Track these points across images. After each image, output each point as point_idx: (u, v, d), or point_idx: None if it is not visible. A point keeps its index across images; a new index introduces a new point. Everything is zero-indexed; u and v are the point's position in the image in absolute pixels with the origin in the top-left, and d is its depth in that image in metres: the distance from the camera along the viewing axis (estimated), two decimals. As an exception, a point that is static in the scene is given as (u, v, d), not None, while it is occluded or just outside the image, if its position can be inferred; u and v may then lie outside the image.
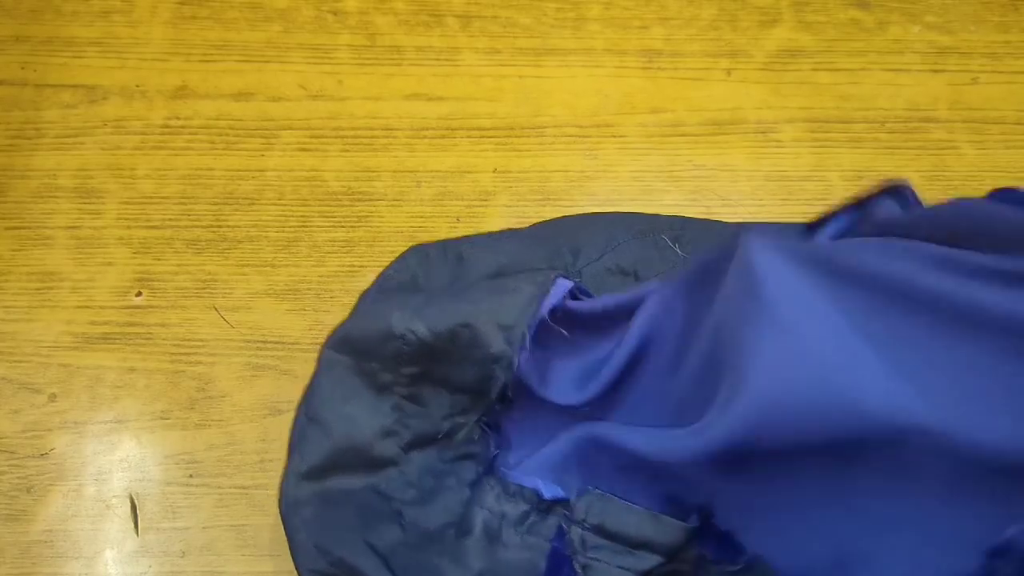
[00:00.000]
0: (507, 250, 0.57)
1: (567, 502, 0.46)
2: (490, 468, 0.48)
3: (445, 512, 0.47)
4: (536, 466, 0.47)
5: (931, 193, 0.68)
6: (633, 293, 0.47)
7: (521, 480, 0.47)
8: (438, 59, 0.72)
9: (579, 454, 0.46)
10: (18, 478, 0.61)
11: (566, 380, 0.47)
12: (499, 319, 0.45)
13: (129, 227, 0.68)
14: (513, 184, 0.69)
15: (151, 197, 0.69)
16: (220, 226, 0.68)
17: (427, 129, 0.70)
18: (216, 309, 0.65)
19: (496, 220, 0.68)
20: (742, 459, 0.36)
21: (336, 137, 0.70)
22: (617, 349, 0.45)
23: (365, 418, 0.49)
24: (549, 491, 0.47)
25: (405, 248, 0.66)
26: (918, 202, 0.45)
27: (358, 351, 0.50)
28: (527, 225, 0.67)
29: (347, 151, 0.70)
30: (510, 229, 0.63)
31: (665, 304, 0.45)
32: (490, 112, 0.71)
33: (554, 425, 0.47)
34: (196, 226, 0.68)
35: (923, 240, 0.34)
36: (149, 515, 0.60)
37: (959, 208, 0.37)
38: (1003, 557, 0.31)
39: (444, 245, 0.58)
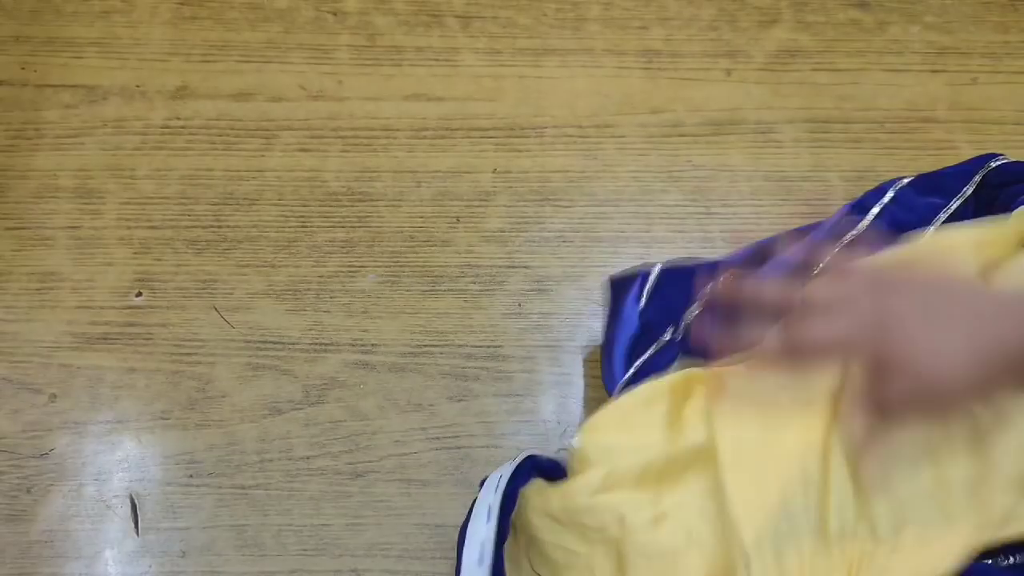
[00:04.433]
0: None
1: None
2: None
3: None
4: None
5: (930, 193, 0.68)
6: None
7: None
8: (438, 59, 0.72)
9: None
10: (18, 478, 0.61)
11: None
12: None
13: (129, 227, 0.68)
14: (513, 184, 0.69)
15: (151, 197, 0.69)
16: (220, 226, 0.68)
17: (427, 129, 0.70)
18: (216, 309, 0.65)
19: (496, 220, 0.68)
20: None
21: (336, 137, 0.70)
22: None
23: None
24: None
25: (404, 247, 0.66)
26: None
27: None
28: (526, 224, 0.68)
29: (347, 151, 0.70)
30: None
31: None
32: (490, 112, 0.71)
33: None
34: (196, 226, 0.68)
35: None
36: (149, 515, 0.60)
37: None
38: None
39: None
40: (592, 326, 0.65)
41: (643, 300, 0.54)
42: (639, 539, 0.43)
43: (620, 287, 0.55)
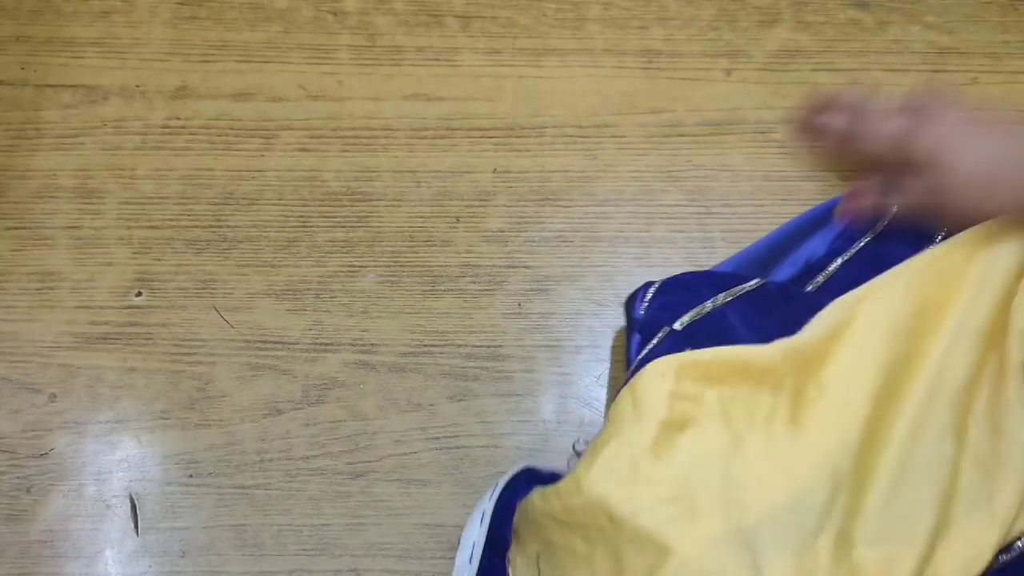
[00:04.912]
0: None
1: None
2: None
3: None
4: None
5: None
6: None
7: None
8: (438, 59, 0.72)
9: None
10: (18, 478, 0.61)
11: None
12: None
13: (129, 227, 0.68)
14: (513, 184, 0.69)
15: (151, 197, 0.69)
16: (220, 226, 0.68)
17: (427, 129, 0.70)
18: (216, 309, 0.66)
19: (496, 220, 0.68)
20: None
21: (336, 137, 0.70)
22: None
23: None
24: None
25: (404, 247, 0.66)
26: None
27: None
28: (526, 224, 0.68)
29: (347, 151, 0.70)
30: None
31: None
32: (490, 112, 0.71)
33: None
34: (196, 226, 0.68)
35: None
36: (149, 515, 0.60)
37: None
38: None
39: None
40: (592, 326, 0.65)
41: (644, 306, 0.54)
42: (627, 530, 0.43)
43: (630, 302, 0.56)
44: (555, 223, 0.68)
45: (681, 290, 0.54)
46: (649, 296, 0.54)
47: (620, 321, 0.65)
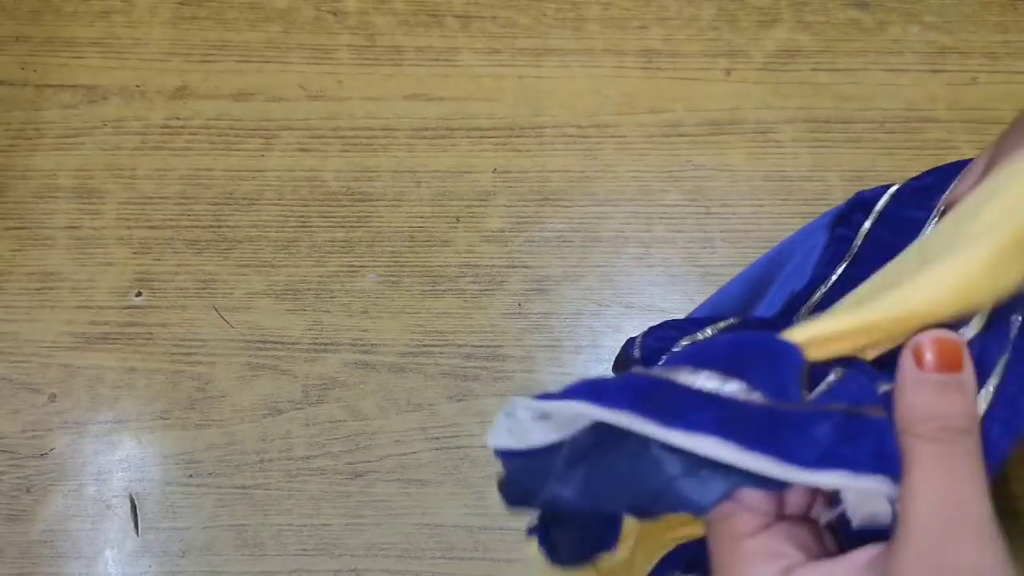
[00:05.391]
0: None
1: None
2: None
3: None
4: None
5: (930, 193, 0.68)
6: None
7: None
8: (438, 59, 0.72)
9: None
10: (18, 478, 0.61)
11: None
12: None
13: (129, 227, 0.68)
14: (512, 184, 0.69)
15: (151, 197, 0.69)
16: (220, 226, 0.68)
17: (427, 129, 0.70)
18: (216, 309, 0.66)
19: (496, 220, 0.68)
20: None
21: (336, 137, 0.70)
22: None
23: None
24: None
25: (404, 247, 0.66)
26: None
27: None
28: (525, 224, 0.68)
29: (347, 151, 0.70)
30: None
31: None
32: (489, 112, 0.71)
33: None
34: (196, 226, 0.68)
35: None
36: (149, 515, 0.60)
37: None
38: None
39: None
40: (592, 326, 0.65)
41: (636, 349, 0.52)
42: None
43: (622, 352, 0.53)
44: (555, 223, 0.68)
45: (668, 329, 0.52)
46: (638, 341, 0.52)
47: (620, 321, 0.65)
